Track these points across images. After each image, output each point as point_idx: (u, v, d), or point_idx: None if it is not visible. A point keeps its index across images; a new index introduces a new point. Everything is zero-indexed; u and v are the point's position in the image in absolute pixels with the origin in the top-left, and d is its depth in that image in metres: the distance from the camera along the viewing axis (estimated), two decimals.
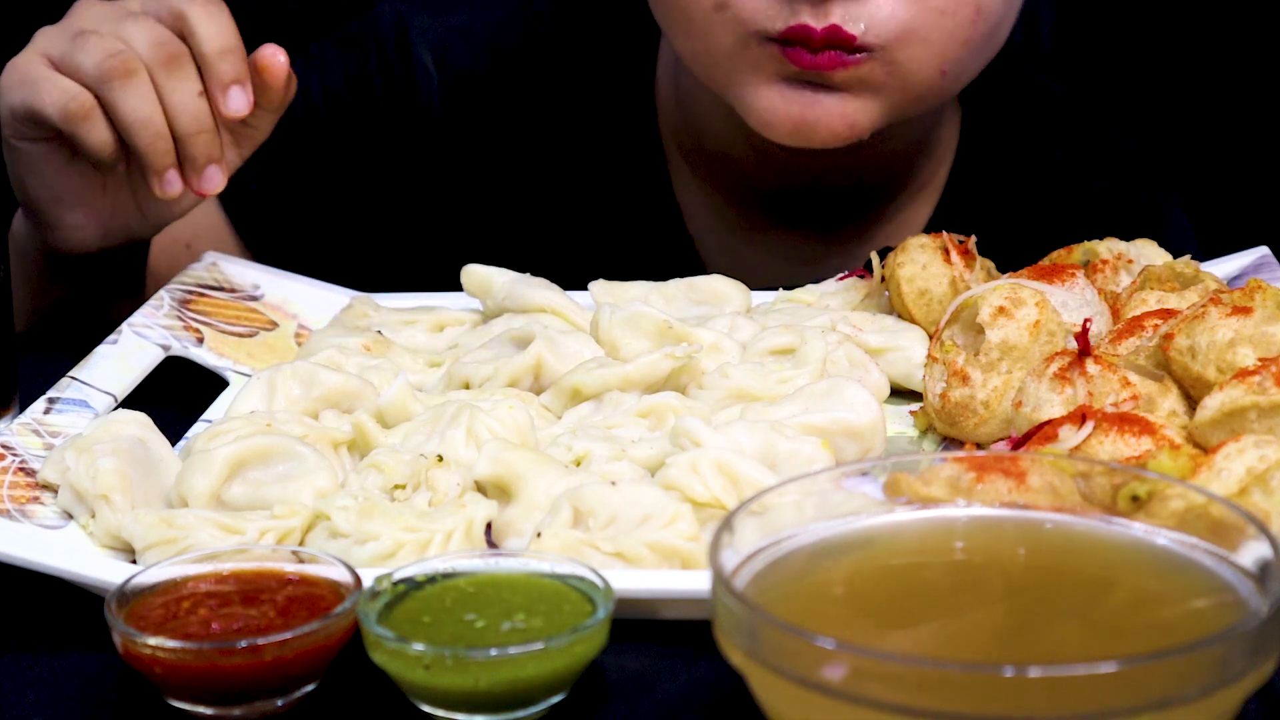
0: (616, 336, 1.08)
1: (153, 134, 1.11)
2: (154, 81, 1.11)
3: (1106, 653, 0.65)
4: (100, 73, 1.09)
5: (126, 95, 1.10)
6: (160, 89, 1.11)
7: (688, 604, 0.82)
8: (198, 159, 1.13)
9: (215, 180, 1.13)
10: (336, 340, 1.10)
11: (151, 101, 1.10)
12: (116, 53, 1.10)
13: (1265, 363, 0.90)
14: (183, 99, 1.11)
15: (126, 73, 1.09)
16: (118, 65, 1.09)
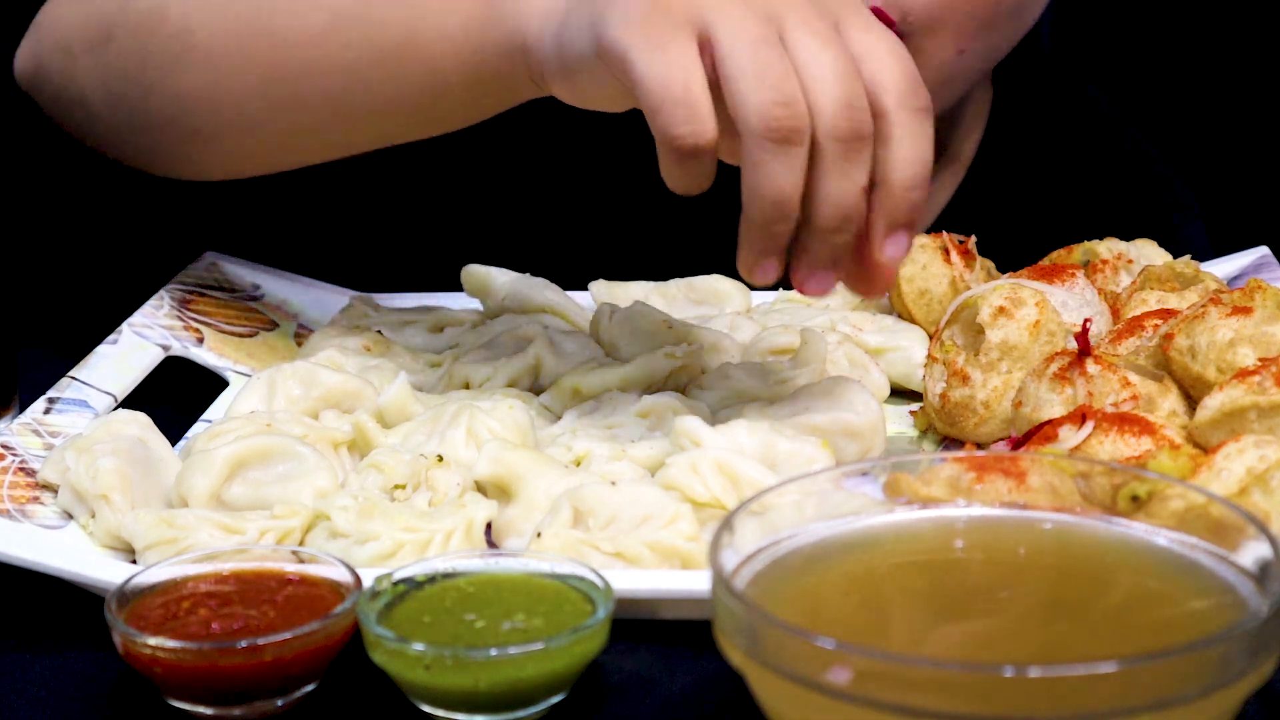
0: (616, 336, 1.08)
1: (779, 214, 0.84)
2: (814, 152, 0.84)
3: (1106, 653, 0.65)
4: (760, 125, 0.82)
5: (774, 164, 0.83)
6: (818, 165, 0.84)
7: (688, 604, 0.82)
8: (818, 259, 0.86)
9: (822, 283, 0.87)
10: (336, 340, 1.10)
11: (797, 175, 0.83)
12: (790, 103, 0.82)
13: (1265, 363, 0.90)
14: (840, 191, 0.84)
15: (789, 139, 0.82)
16: (784, 126, 0.82)
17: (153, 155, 1.15)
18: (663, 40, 0.82)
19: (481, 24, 0.96)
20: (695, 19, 0.82)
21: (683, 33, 0.82)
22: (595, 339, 1.09)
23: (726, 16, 0.82)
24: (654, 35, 0.82)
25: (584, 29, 0.87)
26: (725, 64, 0.82)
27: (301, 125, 1.06)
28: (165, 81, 1.08)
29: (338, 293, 1.23)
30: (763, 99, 0.81)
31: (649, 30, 0.82)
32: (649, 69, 0.82)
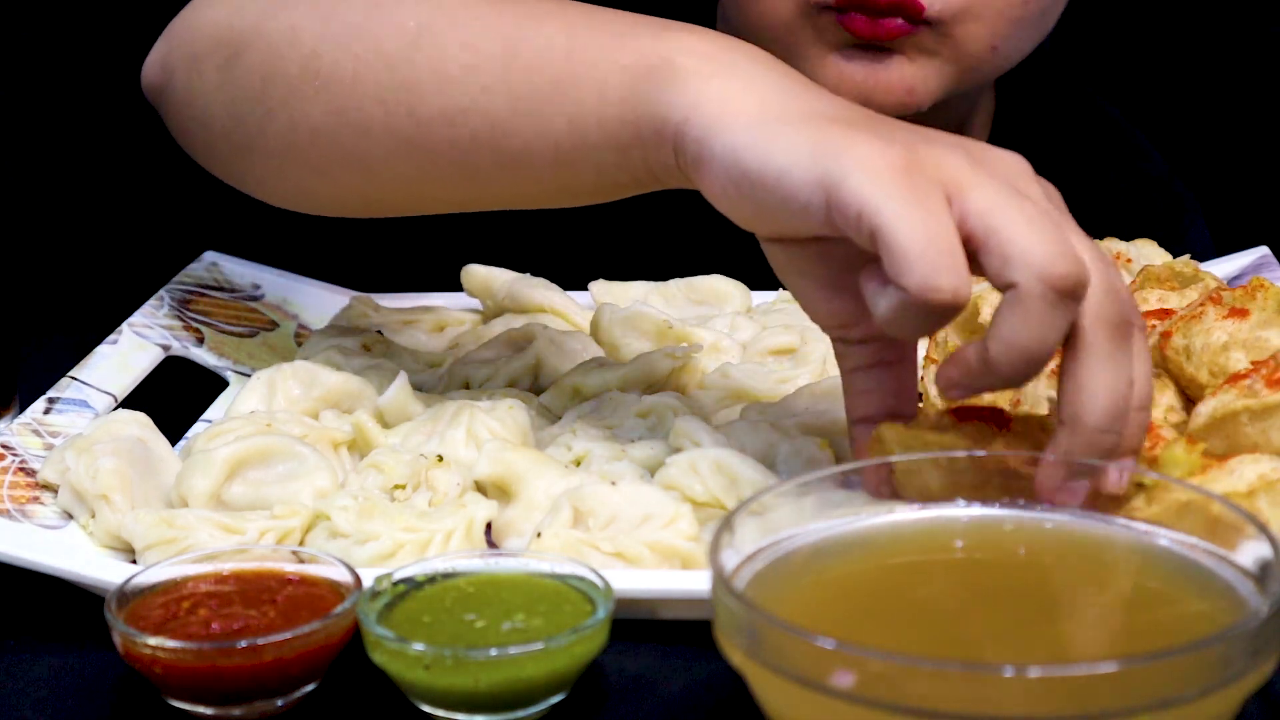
0: (616, 336, 1.08)
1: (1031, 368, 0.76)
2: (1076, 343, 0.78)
3: (1106, 653, 0.65)
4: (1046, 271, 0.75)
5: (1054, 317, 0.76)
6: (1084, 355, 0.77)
7: (688, 604, 0.82)
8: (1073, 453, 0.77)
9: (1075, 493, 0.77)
10: (336, 340, 1.10)
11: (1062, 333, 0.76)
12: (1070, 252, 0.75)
13: (1256, 366, 0.90)
14: (1114, 382, 0.77)
15: (1076, 294, 0.76)
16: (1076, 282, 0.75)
17: (267, 184, 1.07)
18: (918, 194, 0.75)
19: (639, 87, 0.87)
20: (944, 179, 0.76)
21: (936, 189, 0.76)
22: (595, 339, 1.09)
23: (979, 182, 0.76)
24: (909, 187, 0.76)
25: (803, 158, 0.79)
26: (987, 220, 0.75)
27: (425, 172, 0.98)
28: (287, 107, 1.00)
29: (338, 293, 1.23)
30: (1044, 245, 0.74)
31: (902, 182, 0.76)
32: (905, 220, 0.75)
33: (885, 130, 0.79)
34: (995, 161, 0.79)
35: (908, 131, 0.80)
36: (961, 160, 0.77)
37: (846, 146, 0.78)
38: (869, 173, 0.76)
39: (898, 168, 0.76)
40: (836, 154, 0.78)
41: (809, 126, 0.80)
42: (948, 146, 0.78)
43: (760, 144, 0.81)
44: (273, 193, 1.07)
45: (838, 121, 0.80)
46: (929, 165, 0.77)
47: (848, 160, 0.77)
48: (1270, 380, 0.89)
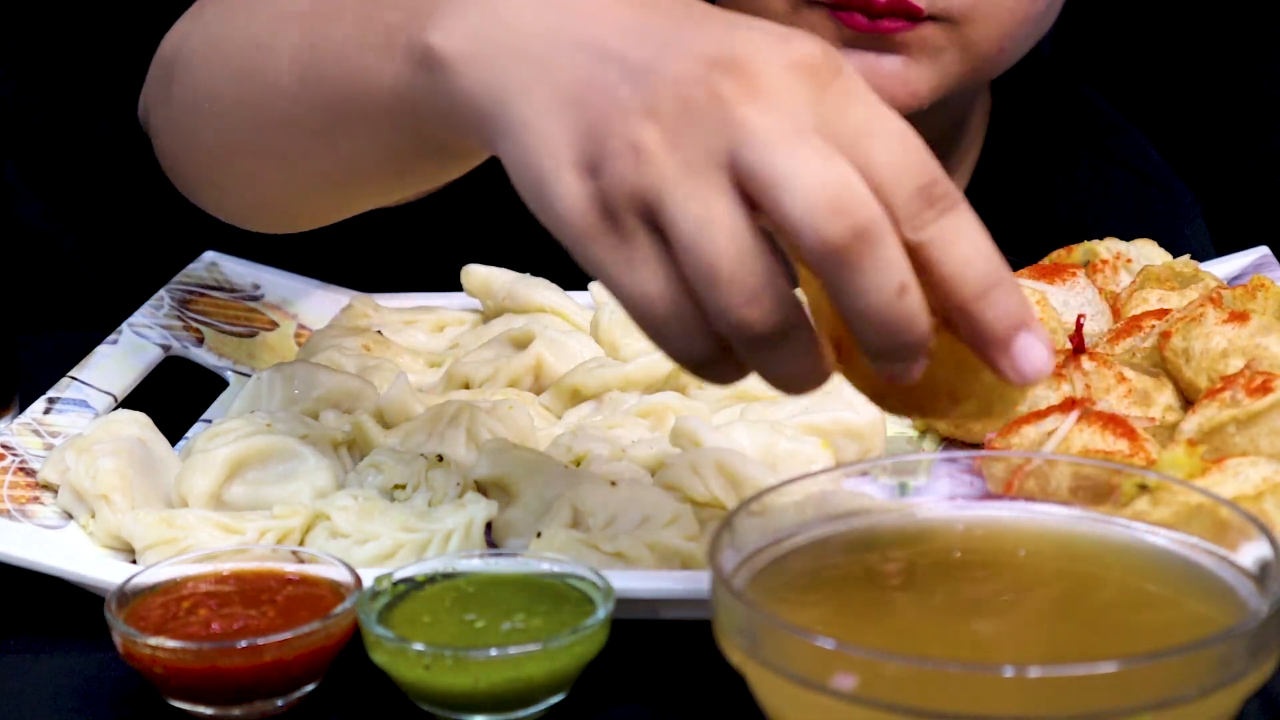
0: (616, 336, 1.08)
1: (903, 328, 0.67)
2: None
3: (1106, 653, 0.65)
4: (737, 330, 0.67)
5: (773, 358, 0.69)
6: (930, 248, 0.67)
7: (688, 604, 0.82)
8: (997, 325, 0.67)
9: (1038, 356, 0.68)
10: (336, 340, 1.10)
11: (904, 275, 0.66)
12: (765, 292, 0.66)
13: (1228, 380, 0.90)
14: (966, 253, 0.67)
15: (780, 332, 0.67)
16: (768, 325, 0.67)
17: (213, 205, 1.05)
18: (622, 249, 0.69)
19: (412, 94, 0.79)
20: (637, 202, 0.68)
21: (636, 229, 0.68)
22: (595, 339, 1.09)
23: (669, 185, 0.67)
24: (612, 246, 0.69)
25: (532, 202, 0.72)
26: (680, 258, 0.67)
27: (295, 182, 0.95)
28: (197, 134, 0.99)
29: (338, 293, 1.23)
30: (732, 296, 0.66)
31: (605, 242, 0.69)
32: (624, 292, 0.69)
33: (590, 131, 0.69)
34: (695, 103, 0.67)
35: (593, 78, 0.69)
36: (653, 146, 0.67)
37: (554, 194, 0.70)
38: (578, 241, 0.70)
39: (595, 220, 0.69)
40: (551, 208, 0.70)
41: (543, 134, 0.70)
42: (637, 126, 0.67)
43: (510, 163, 0.72)
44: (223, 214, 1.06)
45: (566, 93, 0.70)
46: (619, 190, 0.67)
47: (559, 218, 0.70)
48: (1250, 388, 0.89)
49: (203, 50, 0.98)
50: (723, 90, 0.66)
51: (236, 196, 1.02)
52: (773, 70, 0.67)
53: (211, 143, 0.98)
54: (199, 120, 0.98)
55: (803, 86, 0.67)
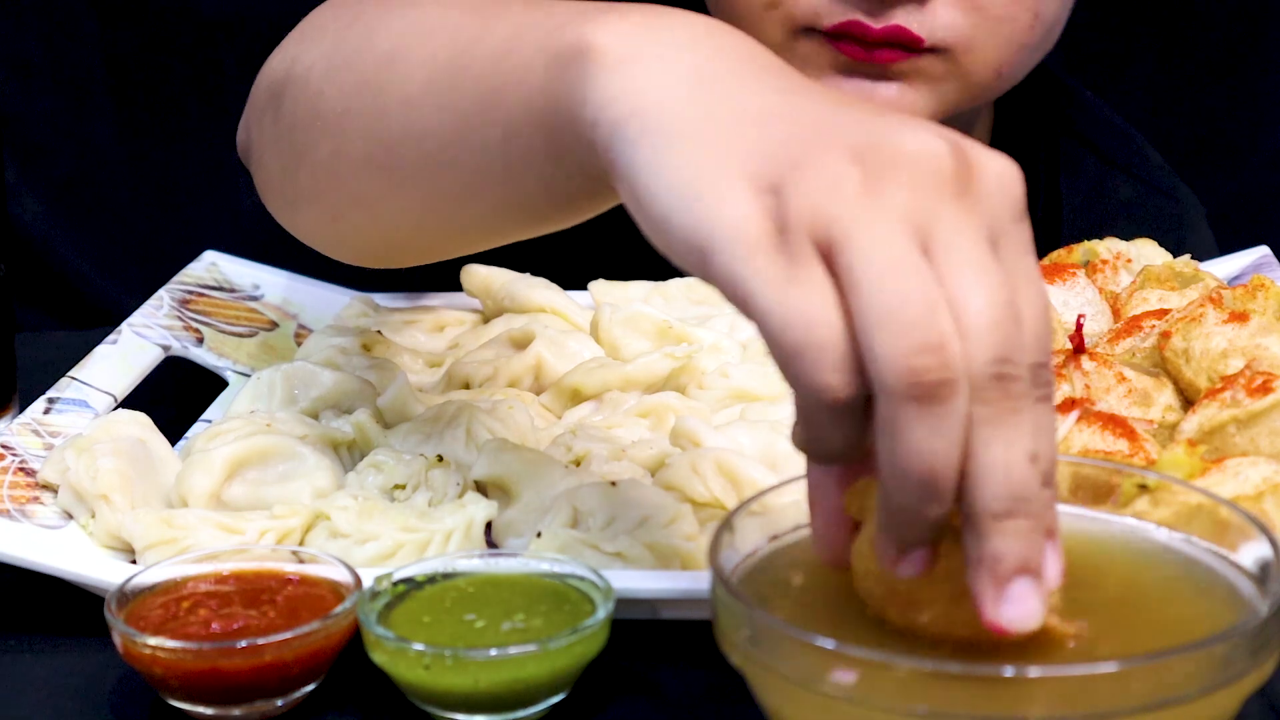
0: (616, 336, 1.08)
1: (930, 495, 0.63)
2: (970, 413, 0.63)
3: (1106, 653, 0.65)
4: (897, 380, 0.62)
5: (918, 429, 0.63)
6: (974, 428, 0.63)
7: (688, 604, 0.82)
8: (1000, 564, 0.64)
9: (1026, 609, 0.64)
10: (336, 340, 1.10)
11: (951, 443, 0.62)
12: (937, 348, 0.62)
13: (1229, 380, 0.90)
14: (1005, 461, 0.63)
15: (936, 396, 0.62)
16: (929, 380, 0.62)
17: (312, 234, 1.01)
18: (788, 268, 0.64)
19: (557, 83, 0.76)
20: (820, 230, 0.63)
21: (808, 253, 0.64)
22: (595, 339, 1.09)
23: (861, 226, 0.63)
24: (778, 262, 0.64)
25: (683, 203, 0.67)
26: (855, 296, 0.63)
27: (410, 203, 0.90)
28: (308, 151, 0.95)
29: (338, 293, 1.23)
30: (900, 344, 0.61)
31: (771, 256, 0.64)
32: (776, 310, 0.63)
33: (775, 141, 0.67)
34: (900, 165, 0.64)
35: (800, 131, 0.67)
36: (846, 183, 0.64)
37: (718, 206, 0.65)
38: (736, 251, 0.64)
39: (766, 234, 0.64)
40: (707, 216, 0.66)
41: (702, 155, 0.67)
42: (839, 154, 0.65)
43: (650, 175, 0.69)
44: (319, 243, 1.02)
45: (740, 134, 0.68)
46: (801, 212, 0.64)
47: (716, 227, 0.65)
48: (1250, 389, 0.89)
49: (321, 66, 0.94)
50: (941, 164, 0.64)
51: (344, 220, 0.97)
52: (988, 174, 0.65)
53: (325, 159, 0.94)
54: (313, 135, 0.94)
55: (1002, 203, 0.65)
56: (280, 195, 1.01)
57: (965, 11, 1.14)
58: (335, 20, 0.98)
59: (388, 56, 0.89)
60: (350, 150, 0.91)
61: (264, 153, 1.01)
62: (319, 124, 0.93)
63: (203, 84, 1.84)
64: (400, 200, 0.91)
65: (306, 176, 0.96)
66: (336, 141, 0.92)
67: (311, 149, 0.94)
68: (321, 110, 0.93)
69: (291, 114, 0.96)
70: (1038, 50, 1.20)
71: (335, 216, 0.96)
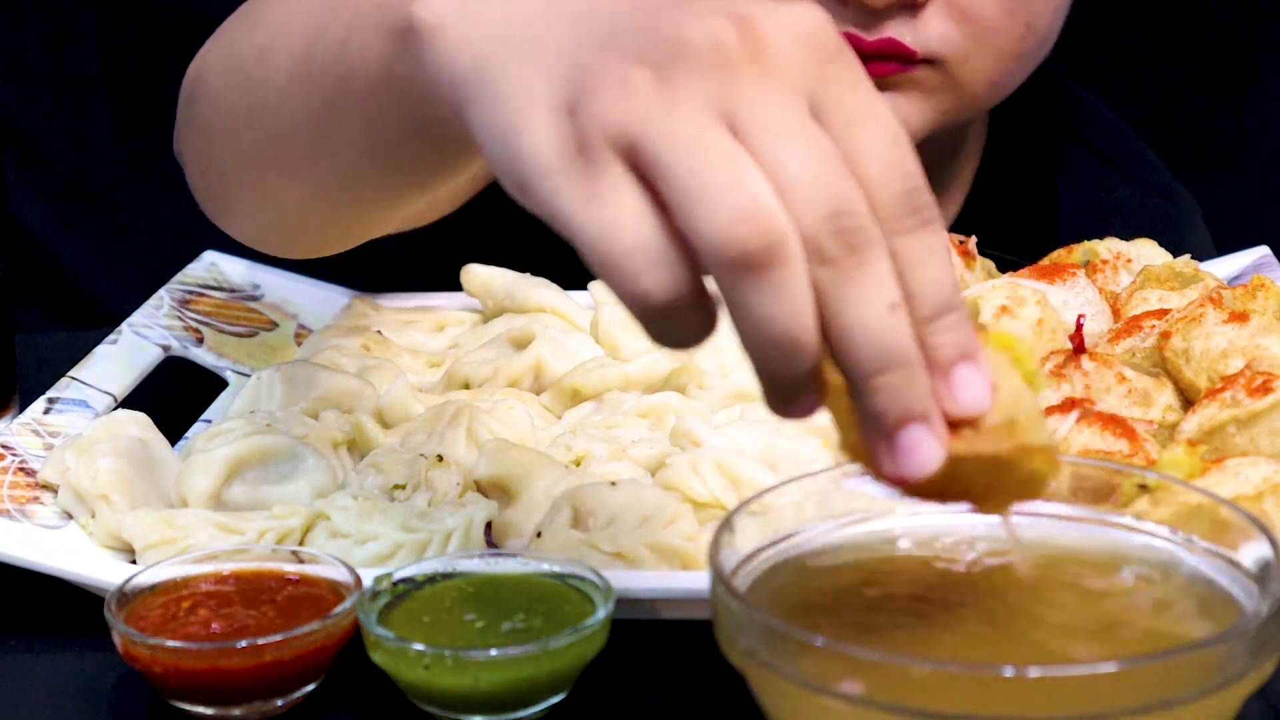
0: (616, 336, 1.08)
1: (785, 355, 0.63)
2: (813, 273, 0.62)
3: (1106, 653, 0.65)
4: (721, 253, 0.61)
5: (755, 297, 0.62)
6: (824, 289, 0.62)
7: (688, 604, 0.82)
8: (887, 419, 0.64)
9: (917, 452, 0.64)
10: (336, 340, 1.10)
11: (792, 304, 0.62)
12: (753, 214, 0.61)
13: (1229, 380, 0.90)
14: (862, 317, 0.62)
15: (765, 261, 0.61)
16: (751, 246, 0.61)
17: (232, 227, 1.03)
18: (590, 183, 0.63)
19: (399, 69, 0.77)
20: (618, 137, 0.63)
21: (610, 163, 0.63)
22: (595, 339, 1.09)
23: (654, 120, 0.62)
24: (584, 178, 0.63)
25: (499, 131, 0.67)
26: (664, 185, 0.62)
27: (303, 191, 0.92)
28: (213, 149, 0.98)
29: (338, 293, 1.23)
30: (716, 217, 0.60)
31: (575, 173, 0.64)
32: (588, 226, 0.63)
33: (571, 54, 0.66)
34: (687, 52, 0.63)
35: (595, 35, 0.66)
36: (639, 83, 0.63)
37: (520, 138, 0.65)
38: (540, 174, 0.64)
39: (568, 155, 0.64)
40: (514, 151, 0.66)
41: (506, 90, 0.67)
42: (631, 55, 0.64)
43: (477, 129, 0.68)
44: (244, 237, 1.05)
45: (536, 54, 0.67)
46: (597, 123, 0.63)
47: (523, 160, 0.65)
48: (1251, 389, 0.89)
49: (218, 67, 0.98)
50: (725, 42, 0.63)
51: (255, 216, 1.00)
52: (780, 36, 0.63)
53: (226, 159, 0.97)
54: (215, 138, 0.97)
55: (805, 58, 0.63)
56: (201, 195, 1.04)
57: (957, 23, 1.14)
58: (234, 19, 1.01)
59: (260, 51, 0.92)
60: (242, 145, 0.94)
61: (185, 155, 1.05)
62: (218, 122, 0.96)
63: None
64: (293, 189, 0.93)
65: (214, 175, 1.00)
66: (231, 138, 0.95)
67: (215, 147, 0.98)
68: (219, 109, 0.96)
69: (200, 115, 1.00)
70: (1031, 61, 1.20)
71: (246, 211, 0.99)
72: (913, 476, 0.64)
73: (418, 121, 0.79)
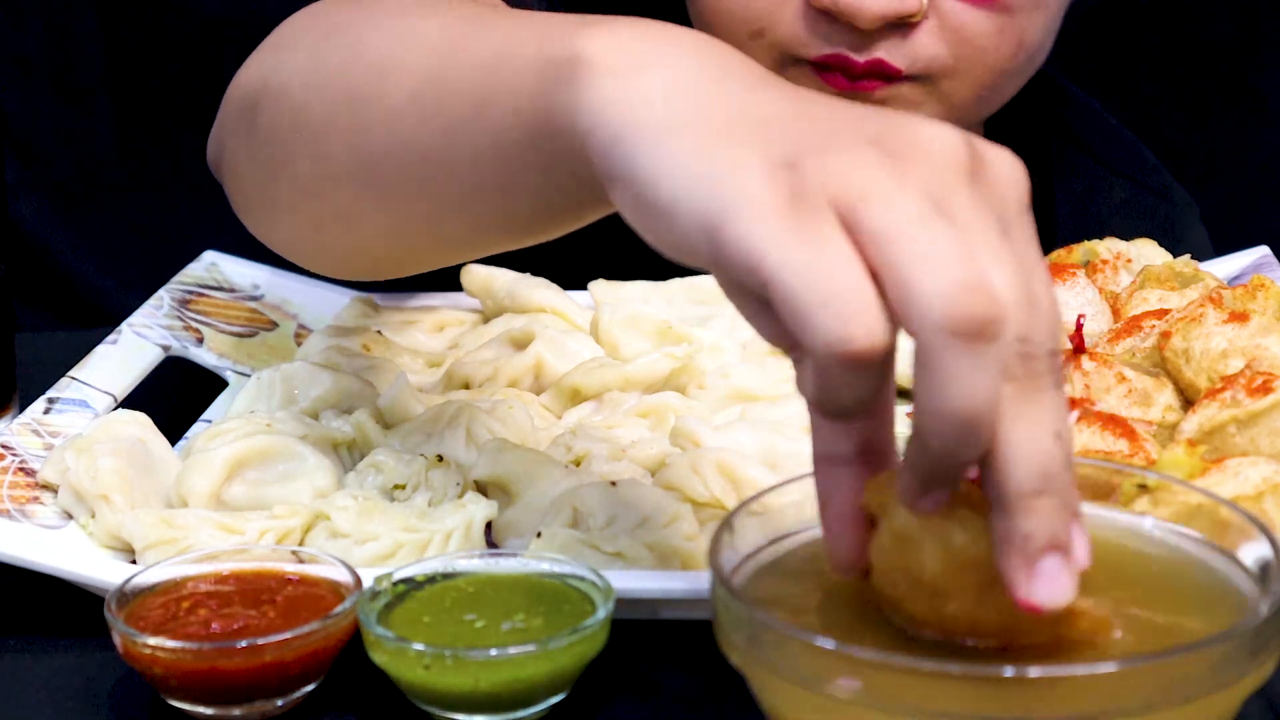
0: (616, 336, 1.08)
1: (968, 438, 0.62)
2: None
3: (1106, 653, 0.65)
4: (944, 315, 0.61)
5: (964, 367, 0.61)
6: (1003, 402, 0.63)
7: (688, 604, 0.82)
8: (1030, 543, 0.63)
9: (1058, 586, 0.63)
10: (336, 340, 1.10)
11: (994, 384, 0.62)
12: (980, 286, 0.61)
13: (1229, 380, 0.90)
14: (1033, 438, 0.63)
15: (982, 333, 0.61)
16: (976, 315, 0.61)
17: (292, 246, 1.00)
18: (806, 230, 0.62)
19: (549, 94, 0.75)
20: (838, 194, 0.63)
21: (825, 214, 0.63)
22: (595, 339, 1.09)
23: (882, 186, 0.63)
24: (796, 225, 0.63)
25: (689, 191, 0.67)
26: (883, 246, 0.62)
27: (393, 217, 0.90)
28: (287, 163, 0.93)
29: (338, 293, 1.23)
30: (944, 281, 0.60)
31: (788, 219, 0.63)
32: (794, 267, 0.62)
33: (786, 135, 0.66)
34: (915, 153, 0.64)
35: (811, 127, 0.67)
36: (865, 161, 0.64)
37: (731, 177, 0.65)
38: (750, 215, 0.64)
39: (782, 199, 0.64)
40: (719, 189, 0.65)
41: (711, 142, 0.67)
42: (854, 142, 0.65)
43: (654, 166, 0.68)
44: (298, 255, 1.01)
45: (747, 129, 0.67)
46: (819, 181, 0.64)
47: (729, 197, 0.65)
48: (1250, 389, 0.89)
49: (301, 77, 0.93)
50: (957, 152, 0.64)
51: (324, 233, 0.95)
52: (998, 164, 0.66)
53: (307, 171, 0.92)
54: (293, 148, 0.93)
55: (1009, 195, 0.65)
56: (258, 208, 1.00)
57: (949, 43, 1.14)
58: (312, 30, 0.97)
59: (374, 68, 0.88)
60: (333, 163, 0.90)
61: (238, 165, 1.00)
62: (300, 136, 0.92)
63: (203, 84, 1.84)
64: (383, 214, 0.90)
65: (286, 189, 0.95)
66: (318, 154, 0.91)
67: (291, 161, 0.93)
68: (303, 122, 0.92)
69: (270, 126, 0.95)
70: (1020, 76, 1.20)
71: (315, 229, 0.95)
72: (1045, 606, 0.63)
73: (548, 159, 0.77)
